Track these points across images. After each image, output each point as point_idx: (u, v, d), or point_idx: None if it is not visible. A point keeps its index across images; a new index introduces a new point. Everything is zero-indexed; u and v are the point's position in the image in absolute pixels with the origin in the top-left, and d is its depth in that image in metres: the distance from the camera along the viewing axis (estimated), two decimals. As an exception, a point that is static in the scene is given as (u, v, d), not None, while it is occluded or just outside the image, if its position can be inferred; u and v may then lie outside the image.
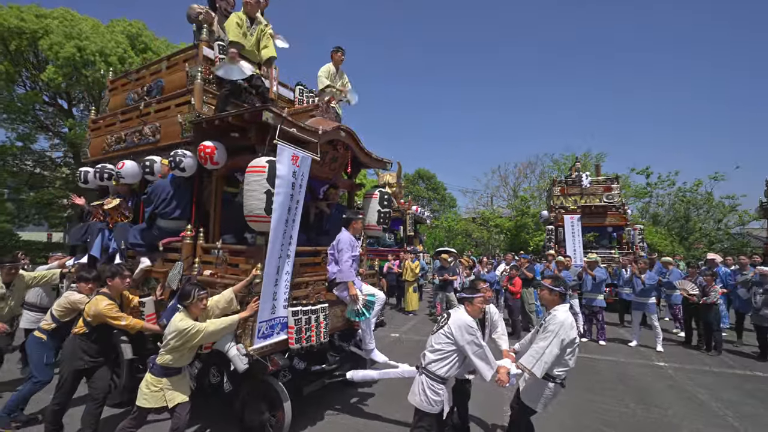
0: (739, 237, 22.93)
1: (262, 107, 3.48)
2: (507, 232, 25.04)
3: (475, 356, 3.07)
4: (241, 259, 3.85)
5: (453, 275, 9.66)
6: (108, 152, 5.08)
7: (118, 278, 3.66)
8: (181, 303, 3.15)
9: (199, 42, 4.41)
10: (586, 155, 25.87)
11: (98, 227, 4.67)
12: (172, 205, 4.19)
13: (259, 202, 3.38)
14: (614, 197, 12.58)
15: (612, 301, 9.47)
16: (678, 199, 23.44)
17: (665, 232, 21.94)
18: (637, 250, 11.84)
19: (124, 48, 15.90)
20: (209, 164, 3.91)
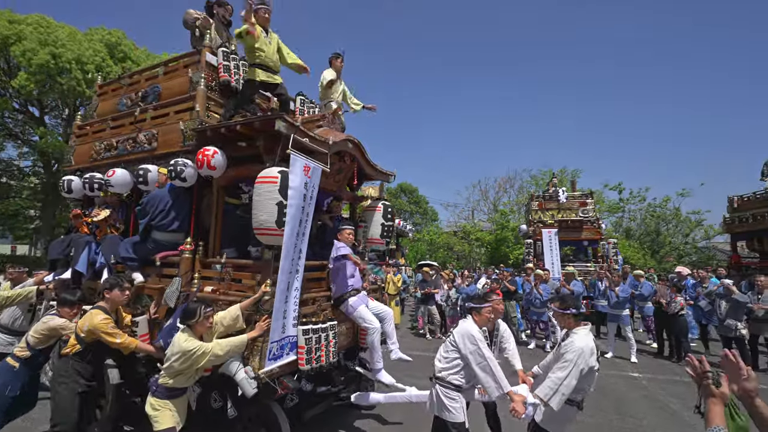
0: (705, 250, 24.11)
1: (274, 115, 3.34)
2: (488, 246, 25.39)
3: (478, 368, 2.94)
4: (245, 275, 3.63)
5: (435, 288, 9.69)
6: (96, 160, 4.77)
7: (118, 290, 3.37)
8: (185, 322, 2.91)
9: (202, 47, 4.24)
10: (562, 171, 26.78)
11: (84, 240, 4.34)
12: (170, 217, 3.94)
13: (270, 215, 3.20)
14: (589, 212, 13.11)
15: (588, 313, 9.65)
16: (648, 214, 24.56)
17: (638, 245, 22.83)
18: (612, 263, 12.21)
19: (103, 56, 15.42)
20: (205, 168, 3.67)
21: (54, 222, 18.32)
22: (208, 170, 3.69)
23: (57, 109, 18.07)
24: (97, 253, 4.32)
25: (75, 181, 4.82)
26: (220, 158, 3.67)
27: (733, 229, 13.49)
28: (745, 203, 13.06)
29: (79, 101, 16.39)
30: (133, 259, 3.99)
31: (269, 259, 3.46)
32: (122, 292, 3.39)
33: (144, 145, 4.29)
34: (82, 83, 14.70)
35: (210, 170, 3.69)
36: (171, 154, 4.10)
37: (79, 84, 14.68)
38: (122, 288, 3.39)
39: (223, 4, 5.44)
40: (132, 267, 4.01)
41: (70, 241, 4.51)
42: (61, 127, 18.05)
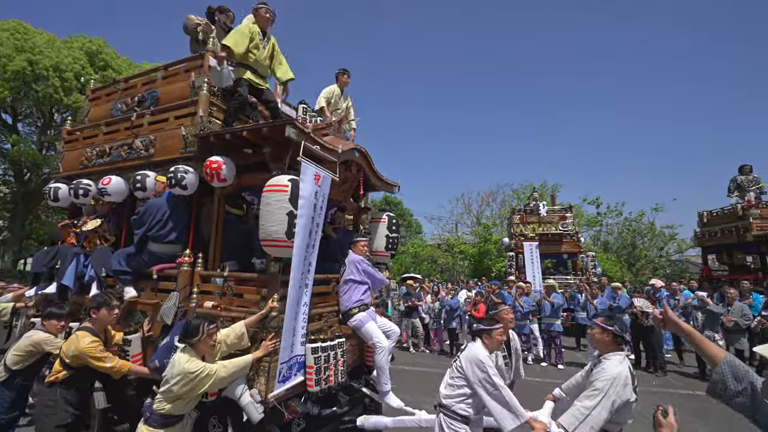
0: (679, 263, 24.80)
1: (285, 121, 3.20)
2: (471, 258, 25.53)
3: (489, 398, 2.70)
4: (249, 289, 3.42)
5: (418, 301, 9.69)
6: (87, 167, 4.51)
7: (105, 309, 3.11)
8: (187, 340, 2.68)
9: (205, 52, 4.09)
10: (542, 185, 27.32)
11: (72, 252, 4.05)
12: (168, 227, 3.71)
13: (279, 225, 3.02)
14: (568, 226, 13.37)
15: (569, 325, 9.86)
16: (625, 228, 25.16)
17: (615, 258, 23.32)
18: (590, 275, 12.38)
19: (82, 64, 15.08)
20: (216, 182, 3.51)
21: (23, 234, 17.52)
22: (218, 183, 3.52)
23: (31, 116, 17.49)
24: (86, 265, 4.03)
25: (62, 189, 4.54)
26: (229, 169, 3.49)
27: (704, 243, 13.83)
28: (714, 218, 13.41)
29: (56, 109, 15.91)
30: (127, 273, 3.73)
31: (276, 272, 3.27)
32: (110, 311, 3.13)
33: (140, 151, 4.07)
34: (60, 91, 14.34)
35: (221, 183, 3.53)
36: (170, 160, 3.89)
37: (56, 91, 14.31)
38: (110, 306, 3.13)
39: (225, 11, 5.35)
40: (124, 281, 3.74)
41: (56, 253, 4.20)
42: (35, 135, 17.44)
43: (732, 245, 12.54)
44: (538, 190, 19.65)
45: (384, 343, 3.74)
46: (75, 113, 14.40)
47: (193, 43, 5.24)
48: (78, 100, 14.50)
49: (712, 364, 1.58)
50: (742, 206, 11.83)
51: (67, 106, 15.11)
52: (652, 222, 24.44)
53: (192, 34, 5.14)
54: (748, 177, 12.32)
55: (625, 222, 24.95)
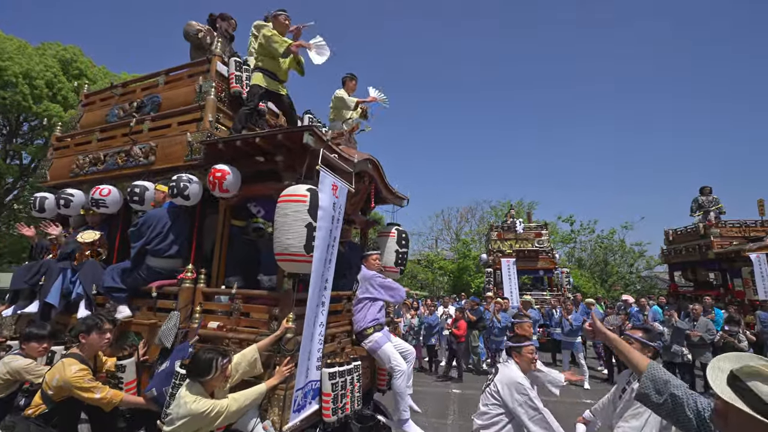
0: (648, 279, 25.42)
1: (302, 128, 3.01)
2: (450, 274, 25.52)
3: (531, 423, 2.56)
4: (258, 308, 3.14)
5: (398, 317, 9.50)
6: (78, 175, 4.20)
7: (96, 333, 2.78)
8: (198, 378, 2.37)
9: (213, 56, 3.90)
10: (519, 203, 27.81)
11: (59, 267, 3.70)
12: (168, 240, 3.42)
13: (297, 238, 2.78)
14: (544, 242, 13.62)
15: (545, 341, 9.89)
16: (597, 245, 25.70)
17: (588, 275, 23.76)
18: (565, 291, 12.56)
19: (55, 72, 14.67)
20: (218, 191, 3.25)
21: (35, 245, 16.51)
22: (220, 193, 3.27)
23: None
24: (73, 281, 3.68)
25: (49, 199, 4.20)
26: (234, 179, 3.25)
27: (670, 260, 14.33)
28: (678, 236, 13.92)
29: (24, 117, 15.37)
30: (121, 290, 3.40)
31: (289, 289, 3.02)
32: (101, 335, 2.80)
33: (139, 158, 3.80)
34: (29, 98, 13.88)
35: (222, 193, 3.27)
36: (172, 169, 3.64)
37: (25, 99, 13.83)
38: (101, 330, 2.80)
39: (227, 18, 5.20)
40: (118, 299, 3.41)
41: (40, 268, 3.84)
42: (0, 143, 16.73)
43: (696, 262, 13.04)
44: (515, 208, 20.00)
45: (403, 367, 3.48)
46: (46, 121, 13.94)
47: (193, 49, 5.07)
48: (48, 108, 14.07)
49: (638, 372, 1.64)
50: (704, 225, 12.41)
51: (36, 114, 14.59)
52: (622, 239, 25.25)
53: (193, 41, 4.95)
54: (708, 198, 13.00)
55: (597, 239, 25.67)
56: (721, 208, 12.80)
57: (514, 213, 15.99)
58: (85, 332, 2.76)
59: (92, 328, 2.77)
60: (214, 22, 5.11)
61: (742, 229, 12.15)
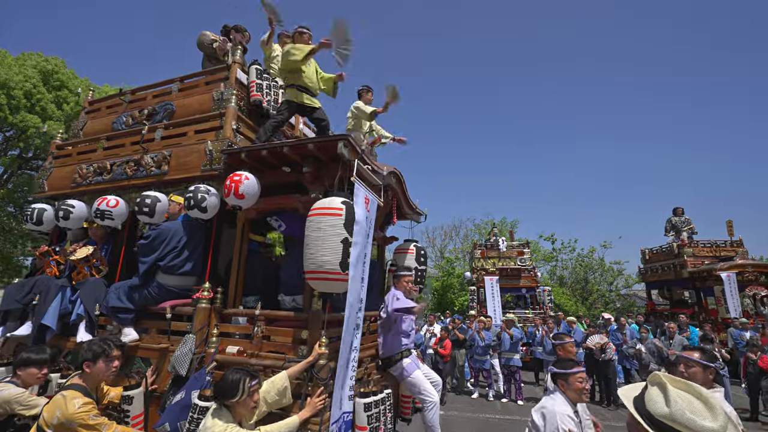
0: (627, 297, 25.79)
1: (338, 137, 2.83)
2: (435, 292, 25.39)
3: None
4: (281, 330, 2.88)
5: None
6: (80, 185, 3.91)
7: (102, 362, 2.46)
8: (223, 400, 2.11)
9: (233, 63, 3.73)
10: (502, 221, 28.10)
11: (57, 285, 3.37)
12: (183, 256, 3.16)
13: (333, 254, 2.57)
14: (526, 261, 13.63)
15: (528, 360, 9.81)
16: (578, 263, 26.04)
17: (570, 293, 23.93)
18: (547, 309, 12.56)
19: (34, 83, 14.31)
20: (232, 196, 3.00)
21: None
22: (235, 199, 3.02)
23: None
24: (72, 301, 3.36)
25: (48, 211, 3.89)
26: (250, 184, 3.01)
27: (647, 279, 14.56)
28: (654, 255, 14.19)
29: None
30: (128, 310, 3.10)
31: (318, 310, 2.78)
32: (109, 364, 2.47)
33: (151, 168, 3.56)
34: (5, 108, 13.48)
35: (237, 200, 3.03)
36: (187, 179, 3.41)
37: (1, 109, 13.39)
38: (109, 358, 2.47)
39: (241, 30, 5.09)
40: (124, 320, 3.10)
41: (35, 285, 3.49)
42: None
43: (671, 281, 13.27)
44: (498, 226, 20.12)
45: (434, 398, 3.23)
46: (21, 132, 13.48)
47: (206, 59, 4.92)
48: (25, 119, 13.67)
49: None
50: (677, 245, 12.73)
51: (11, 124, 14.14)
52: (602, 258, 25.60)
53: (206, 50, 4.82)
54: (681, 218, 13.39)
55: (577, 258, 26.00)
56: (693, 229, 13.17)
57: (497, 231, 16.09)
58: (90, 360, 2.44)
59: (99, 356, 2.46)
60: (227, 33, 5.00)
61: (713, 248, 12.50)
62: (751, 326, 9.02)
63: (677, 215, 13.56)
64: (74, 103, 14.90)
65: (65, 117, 14.68)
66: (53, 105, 14.58)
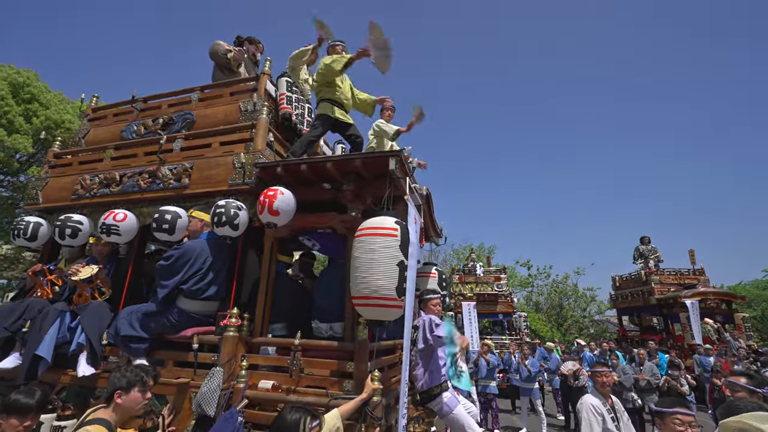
0: (600, 323, 26.52)
1: (389, 153, 2.68)
2: None
3: None
4: (323, 363, 2.61)
5: None
6: (82, 198, 3.55)
7: (138, 391, 2.09)
8: None
9: (263, 74, 3.56)
10: (480, 246, 28.61)
11: (56, 309, 2.96)
12: (207, 279, 2.86)
13: (389, 278, 2.37)
14: (503, 286, 13.80)
15: (504, 387, 9.79)
16: (553, 289, 26.63)
17: (545, 318, 24.32)
18: (524, 335, 12.67)
19: (2, 95, 13.63)
20: (266, 213, 2.75)
21: None
22: (269, 216, 2.78)
23: None
24: (72, 327, 2.95)
25: (44, 226, 3.49)
26: (286, 199, 2.77)
27: (618, 305, 14.97)
28: (624, 282, 14.66)
29: None
30: (142, 339, 2.74)
31: (365, 339, 2.54)
32: (144, 394, 2.13)
33: (169, 181, 3.27)
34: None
35: (272, 216, 2.79)
36: (211, 193, 3.15)
37: None
38: (145, 387, 2.14)
39: (255, 42, 4.99)
40: (136, 351, 2.73)
41: (26, 309, 3.06)
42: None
43: (640, 307, 13.68)
44: (475, 251, 20.38)
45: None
46: None
47: (218, 69, 4.74)
48: None
49: None
50: (645, 273, 13.21)
51: None
52: (575, 284, 26.28)
53: (220, 60, 4.64)
54: (648, 247, 13.99)
55: (552, 283, 26.58)
56: (659, 257, 13.72)
57: (475, 257, 16.26)
58: (123, 389, 2.07)
59: (134, 384, 2.09)
60: (241, 44, 4.87)
61: (678, 276, 13.03)
62: (715, 352, 9.32)
63: (644, 244, 14.07)
64: (44, 117, 14.21)
65: (33, 131, 13.94)
66: (21, 118, 13.83)
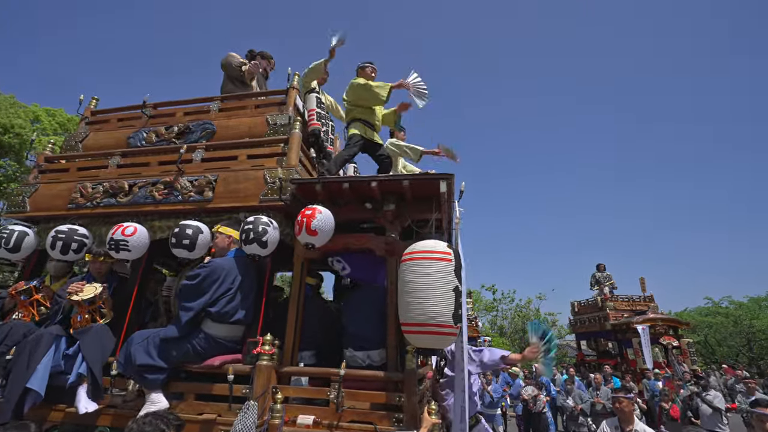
0: (561, 348, 27.72)
1: (440, 175, 2.65)
2: None
3: None
4: (367, 395, 2.43)
5: None
6: (82, 207, 3.19)
7: None
8: None
9: (291, 88, 3.46)
10: None
11: (51, 333, 2.57)
12: (236, 301, 2.61)
13: (445, 305, 2.29)
14: (469, 310, 14.22)
15: None
16: (516, 314, 27.52)
17: (509, 343, 24.98)
18: None
19: None
20: (304, 234, 2.62)
21: None
22: (308, 236, 2.64)
23: None
24: (69, 356, 2.58)
25: (30, 236, 3.08)
26: (324, 218, 2.64)
27: (577, 330, 15.56)
28: (582, 308, 15.35)
29: None
30: (160, 369, 2.42)
31: (414, 369, 2.41)
32: None
33: (189, 193, 3.02)
34: None
35: (310, 236, 2.65)
36: (237, 209, 2.95)
37: None
38: None
39: (267, 57, 4.93)
40: (152, 383, 2.41)
41: (8, 334, 2.63)
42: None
43: (597, 332, 14.29)
44: None
45: None
46: None
47: (228, 80, 4.60)
48: None
49: None
50: (601, 299, 13.93)
51: None
52: (537, 308, 27.29)
53: (233, 72, 4.52)
54: (603, 273, 14.78)
55: (516, 308, 27.46)
56: (614, 284, 14.49)
57: None
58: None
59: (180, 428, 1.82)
60: (253, 58, 4.78)
61: (630, 303, 13.77)
62: (663, 375, 9.76)
63: (600, 271, 14.78)
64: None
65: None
66: None
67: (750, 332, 21.72)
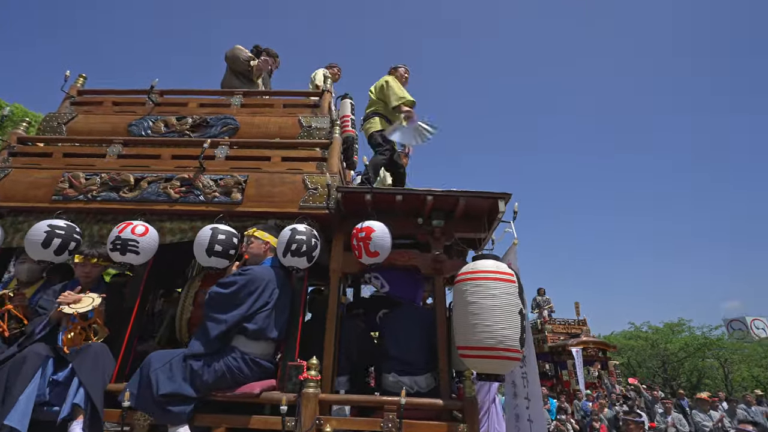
0: None
1: (499, 194, 2.60)
2: None
3: None
4: (423, 425, 2.24)
5: None
6: (71, 200, 2.67)
7: None
8: None
9: (326, 92, 3.26)
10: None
11: (38, 353, 2.06)
12: (274, 316, 2.31)
13: (513, 328, 2.20)
14: None
15: None
16: None
17: None
18: None
19: None
20: (365, 256, 2.48)
21: None
22: (369, 258, 2.49)
23: None
24: (59, 382, 2.08)
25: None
26: (386, 237, 2.52)
27: None
28: None
29: None
30: (188, 399, 2.03)
31: (474, 396, 2.28)
32: None
33: (213, 193, 2.67)
34: None
35: (372, 258, 2.50)
36: (269, 214, 2.66)
37: None
38: None
39: (273, 55, 4.71)
40: (178, 416, 2.00)
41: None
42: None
43: (538, 354, 15.15)
44: None
45: None
46: None
47: (230, 74, 4.31)
48: None
49: None
50: (540, 322, 14.83)
51: None
52: None
53: (239, 66, 4.26)
54: (543, 297, 15.74)
55: None
56: (552, 308, 15.51)
57: None
58: None
59: None
60: (258, 54, 4.53)
61: (566, 326, 14.77)
62: (595, 394, 10.42)
63: (540, 295, 15.65)
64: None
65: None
66: None
67: (665, 355, 24.24)
